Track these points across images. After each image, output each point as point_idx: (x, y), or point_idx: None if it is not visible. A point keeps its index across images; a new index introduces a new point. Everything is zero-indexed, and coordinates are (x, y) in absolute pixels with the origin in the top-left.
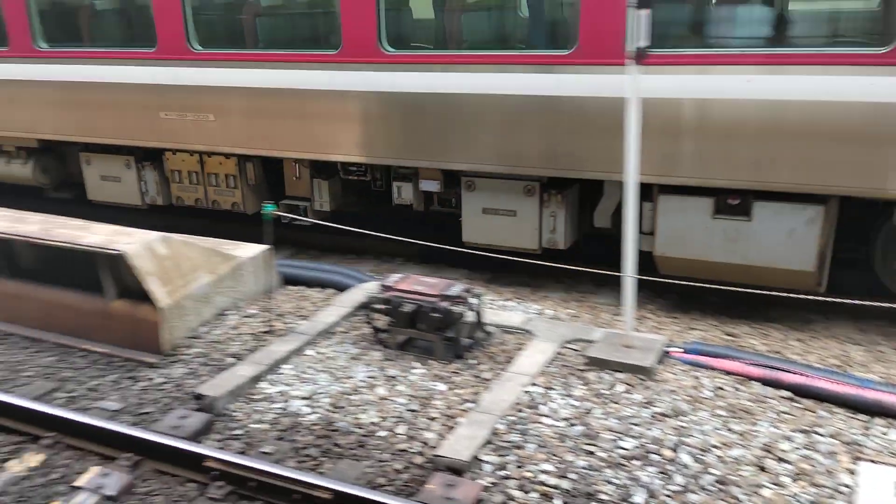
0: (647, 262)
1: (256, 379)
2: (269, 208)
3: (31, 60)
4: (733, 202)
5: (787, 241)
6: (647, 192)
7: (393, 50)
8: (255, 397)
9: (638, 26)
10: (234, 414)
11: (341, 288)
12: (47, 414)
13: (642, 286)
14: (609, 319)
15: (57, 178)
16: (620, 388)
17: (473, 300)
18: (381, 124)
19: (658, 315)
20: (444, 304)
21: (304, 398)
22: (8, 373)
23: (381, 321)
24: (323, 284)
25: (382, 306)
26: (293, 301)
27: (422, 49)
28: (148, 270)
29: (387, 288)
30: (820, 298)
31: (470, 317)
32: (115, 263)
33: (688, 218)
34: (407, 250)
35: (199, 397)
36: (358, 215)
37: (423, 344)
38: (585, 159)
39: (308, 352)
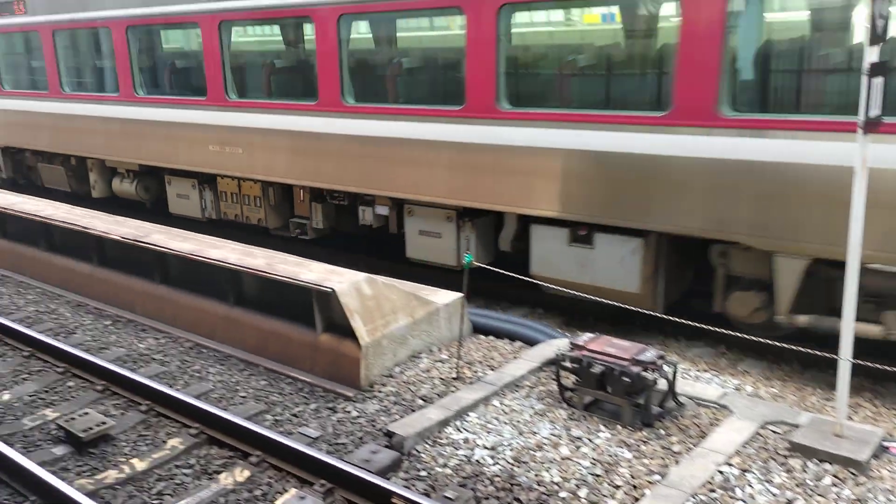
0: (867, 345)
1: (444, 423)
2: (469, 259)
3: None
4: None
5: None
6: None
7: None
8: (441, 441)
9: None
10: (420, 455)
11: (531, 342)
12: (257, 433)
13: (857, 370)
14: (818, 403)
15: (155, 195)
16: (828, 480)
17: (667, 368)
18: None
19: (876, 404)
20: (636, 369)
21: (487, 448)
22: (226, 391)
23: (569, 379)
24: (512, 336)
25: (571, 365)
26: (482, 350)
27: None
28: (354, 309)
29: (577, 346)
30: None
31: (662, 385)
32: (326, 299)
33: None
34: (597, 308)
35: (389, 435)
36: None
37: (610, 407)
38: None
39: (494, 402)
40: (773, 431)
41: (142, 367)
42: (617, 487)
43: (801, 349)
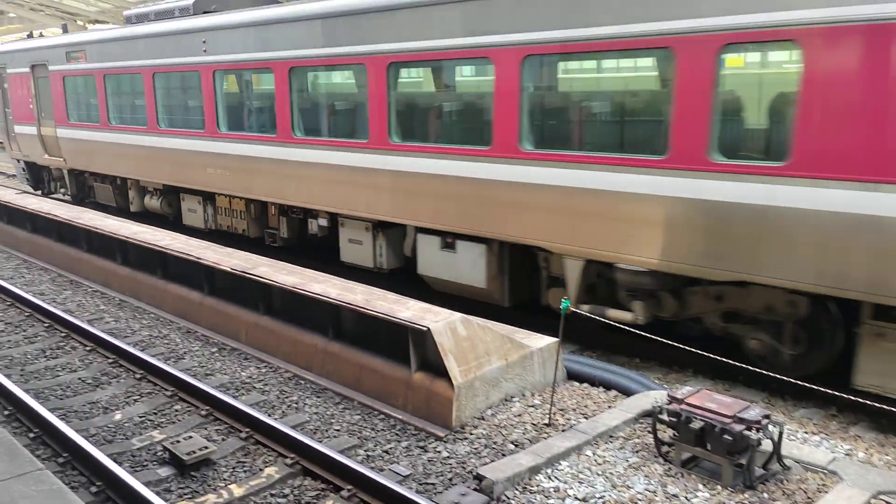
0: None
1: (534, 470)
2: (566, 304)
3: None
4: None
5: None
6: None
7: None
8: (531, 488)
9: None
10: (510, 501)
11: (627, 392)
12: (349, 468)
13: None
14: None
15: (176, 209)
16: None
17: (772, 428)
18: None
19: None
20: (739, 428)
21: (579, 499)
22: (321, 423)
23: (666, 434)
24: (608, 385)
25: (669, 418)
26: (576, 397)
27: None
28: (448, 348)
29: (676, 400)
30: None
31: (766, 445)
32: (421, 338)
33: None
34: (698, 361)
35: (479, 478)
36: (637, 325)
37: (709, 465)
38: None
39: (587, 452)
40: (887, 502)
41: (243, 394)
42: None
43: None
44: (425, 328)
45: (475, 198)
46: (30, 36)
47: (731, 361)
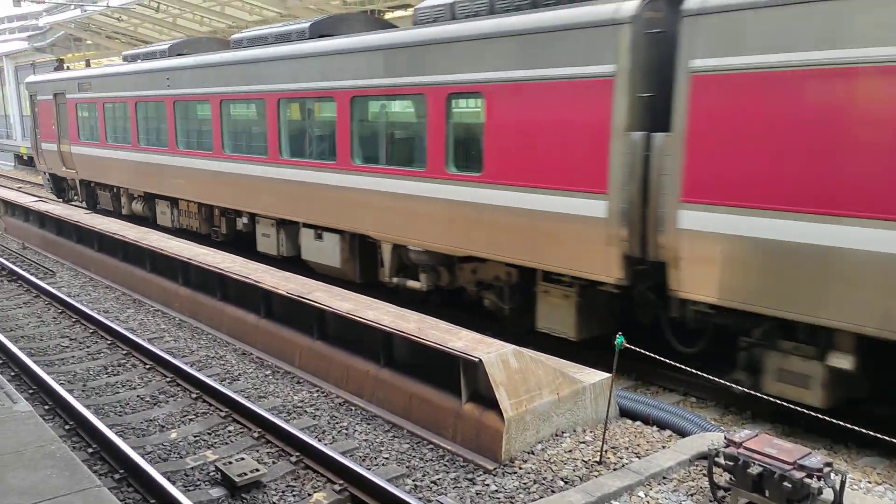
0: None
1: None
2: (620, 340)
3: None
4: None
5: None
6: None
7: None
8: None
9: None
10: None
11: (682, 432)
12: (398, 497)
13: None
14: None
15: (152, 212)
16: None
17: (834, 476)
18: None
19: None
20: (799, 475)
21: None
22: (370, 451)
23: (722, 478)
24: (662, 424)
25: (726, 462)
26: (629, 435)
27: None
28: (499, 380)
29: (733, 443)
30: None
31: (827, 494)
32: (472, 369)
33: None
34: (756, 404)
35: None
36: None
37: None
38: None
39: (639, 493)
40: None
41: (295, 418)
42: None
43: None
44: (477, 359)
45: (333, 200)
46: (57, 69)
47: (791, 406)
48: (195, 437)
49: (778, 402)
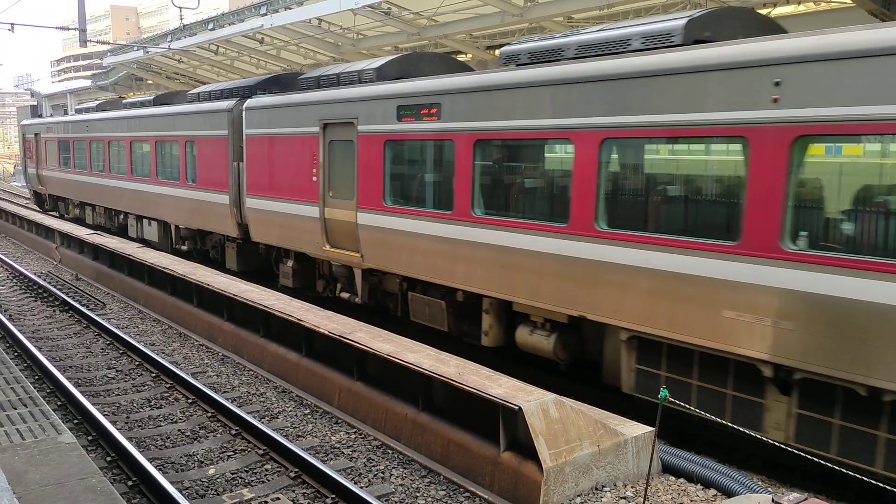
0: None
1: None
2: (664, 394)
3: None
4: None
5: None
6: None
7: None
8: None
9: None
10: None
11: (727, 492)
12: None
13: None
14: None
15: (121, 227)
16: None
17: None
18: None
19: None
20: None
21: None
22: (405, 496)
23: None
24: (707, 483)
25: None
26: (672, 493)
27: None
28: (539, 430)
29: None
30: None
31: None
32: (511, 417)
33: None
34: (805, 464)
35: None
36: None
37: None
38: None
39: None
40: None
41: (332, 459)
42: None
43: None
44: (517, 407)
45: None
46: (32, 115)
47: (841, 469)
48: (233, 473)
49: (830, 465)
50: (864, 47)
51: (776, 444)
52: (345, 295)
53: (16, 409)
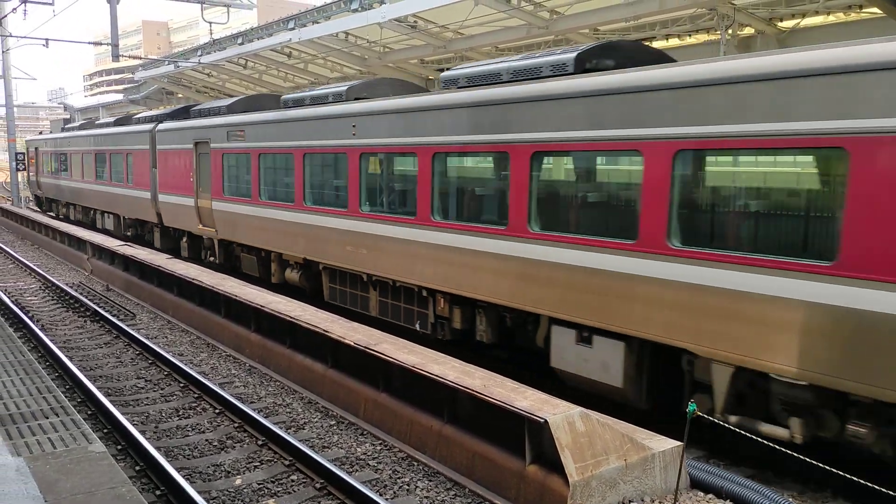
0: None
1: None
2: (692, 408)
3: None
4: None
5: None
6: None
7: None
8: None
9: None
10: None
11: None
12: None
13: None
14: None
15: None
16: None
17: None
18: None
19: None
20: None
21: None
22: None
23: None
24: (736, 499)
25: None
26: None
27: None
28: (565, 443)
29: None
30: None
31: None
32: (537, 429)
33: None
34: (837, 480)
35: None
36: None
37: None
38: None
39: None
40: None
41: (357, 470)
42: None
43: None
44: (542, 420)
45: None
46: (40, 133)
47: (875, 486)
48: (259, 484)
49: (861, 481)
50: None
51: (809, 460)
52: (211, 259)
53: (47, 418)
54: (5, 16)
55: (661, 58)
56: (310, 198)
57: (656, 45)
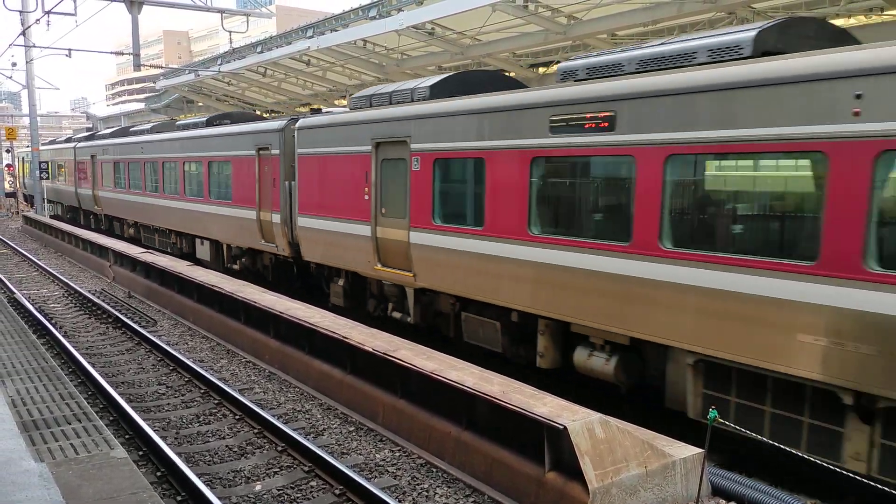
0: None
1: None
2: (713, 415)
3: None
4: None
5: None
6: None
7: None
8: None
9: None
10: None
11: None
12: None
13: None
14: None
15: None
16: None
17: None
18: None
19: None
20: None
21: None
22: None
23: None
24: None
25: None
26: None
27: None
28: (584, 450)
29: None
30: None
31: None
32: (556, 436)
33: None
34: (860, 488)
35: None
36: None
37: None
38: None
39: None
40: None
41: (376, 477)
42: None
43: None
44: (562, 426)
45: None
46: (51, 142)
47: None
48: (279, 490)
49: (885, 489)
50: None
51: (828, 465)
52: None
53: (70, 424)
54: (29, 27)
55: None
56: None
57: None
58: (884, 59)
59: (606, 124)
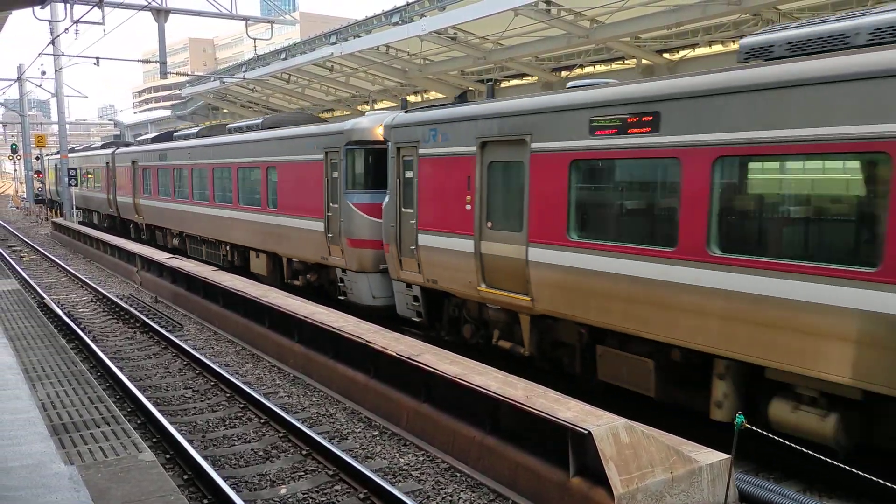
0: None
1: None
2: (740, 420)
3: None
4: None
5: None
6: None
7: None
8: None
9: None
10: None
11: None
12: None
13: None
14: None
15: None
16: None
17: None
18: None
19: None
20: None
21: None
22: None
23: None
24: None
25: None
26: None
27: None
28: (609, 455)
29: None
30: None
31: None
32: (580, 441)
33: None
34: (891, 495)
35: None
36: None
37: None
38: None
39: None
40: None
41: (400, 481)
42: None
43: None
44: (586, 431)
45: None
46: (84, 148)
47: None
48: (304, 494)
49: None
50: None
51: (860, 473)
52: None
53: (99, 427)
54: (57, 36)
55: None
56: None
57: (699, 52)
58: None
59: None
